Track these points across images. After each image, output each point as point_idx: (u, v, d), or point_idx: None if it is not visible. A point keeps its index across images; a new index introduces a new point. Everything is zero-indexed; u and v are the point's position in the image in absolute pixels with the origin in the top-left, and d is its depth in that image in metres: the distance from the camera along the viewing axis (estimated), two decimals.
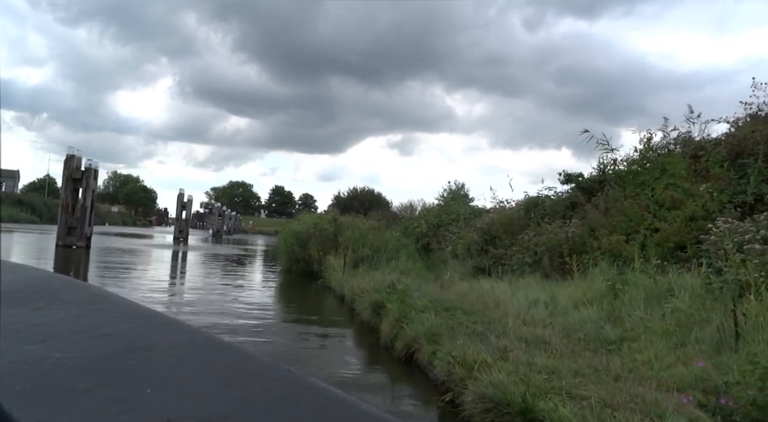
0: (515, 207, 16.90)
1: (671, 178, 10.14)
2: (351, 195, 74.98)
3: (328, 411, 0.56)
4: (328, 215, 19.31)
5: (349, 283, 12.05)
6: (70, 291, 1.00)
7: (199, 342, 0.75)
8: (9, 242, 23.09)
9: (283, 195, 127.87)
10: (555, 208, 13.66)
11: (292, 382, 0.62)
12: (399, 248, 16.73)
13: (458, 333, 6.29)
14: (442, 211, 21.66)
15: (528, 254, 12.00)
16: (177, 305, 11.28)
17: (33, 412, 0.55)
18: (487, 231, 15.87)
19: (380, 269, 14.91)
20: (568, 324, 7.23)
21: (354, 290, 10.42)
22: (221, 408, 0.55)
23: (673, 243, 8.77)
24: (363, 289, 9.73)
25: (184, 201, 45.93)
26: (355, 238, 17.01)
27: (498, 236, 15.49)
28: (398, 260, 15.63)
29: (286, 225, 25.58)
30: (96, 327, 0.79)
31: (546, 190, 15.55)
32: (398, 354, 6.56)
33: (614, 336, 6.29)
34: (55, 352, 0.68)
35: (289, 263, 20.03)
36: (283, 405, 0.58)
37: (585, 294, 8.41)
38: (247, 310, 10.79)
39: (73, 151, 23.53)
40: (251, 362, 0.69)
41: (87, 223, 23.61)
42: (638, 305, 7.30)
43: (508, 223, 15.34)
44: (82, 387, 0.60)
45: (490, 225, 15.90)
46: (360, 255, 16.05)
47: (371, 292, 9.14)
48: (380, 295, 8.60)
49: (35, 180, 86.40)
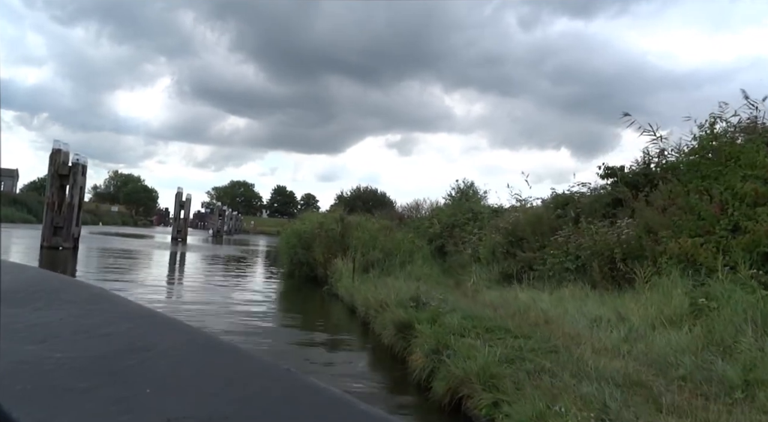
0: (542, 205, 15.25)
1: (749, 169, 8.45)
2: (354, 194, 73.51)
3: (328, 411, 0.56)
4: (335, 214, 17.64)
5: (361, 292, 10.39)
6: (70, 291, 1.01)
7: (199, 342, 0.75)
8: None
9: (285, 195, 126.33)
10: (594, 205, 11.98)
11: (292, 382, 0.62)
12: (413, 251, 15.05)
13: (521, 371, 4.64)
14: (457, 210, 19.97)
15: (568, 258, 10.31)
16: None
17: (33, 412, 0.55)
18: (511, 232, 14.22)
19: (393, 274, 13.28)
20: (654, 353, 5.56)
21: (369, 302, 8.74)
22: (221, 408, 0.55)
23: (766, 247, 7.09)
24: (381, 302, 8.05)
25: (182, 200, 44.27)
26: (365, 240, 15.34)
27: (525, 237, 13.83)
28: (413, 264, 13.96)
29: (288, 226, 23.93)
30: (96, 327, 0.79)
31: (578, 185, 13.90)
32: (439, 399, 4.89)
33: (735, 377, 4.61)
34: (55, 352, 0.68)
35: (291, 266, 18.38)
36: (283, 405, 0.58)
37: (661, 312, 6.74)
38: (243, 326, 9.15)
39: (59, 145, 21.86)
40: (251, 362, 0.69)
41: (74, 223, 21.98)
42: (744, 329, 5.63)
43: (536, 223, 13.67)
44: (82, 387, 0.60)
45: (514, 225, 14.24)
46: (370, 258, 14.39)
47: (392, 307, 7.46)
48: (405, 313, 6.91)
49: (35, 179, 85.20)
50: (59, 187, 21.93)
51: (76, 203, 21.99)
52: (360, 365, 7.19)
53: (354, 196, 72.48)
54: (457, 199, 31.34)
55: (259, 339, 8.17)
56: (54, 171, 21.84)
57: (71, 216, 21.70)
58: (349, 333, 9.07)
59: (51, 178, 21.90)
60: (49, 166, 21.96)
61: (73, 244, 21.87)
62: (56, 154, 21.87)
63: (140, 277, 16.36)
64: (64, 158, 22.04)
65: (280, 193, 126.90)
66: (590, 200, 12.18)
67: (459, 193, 34.05)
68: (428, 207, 40.24)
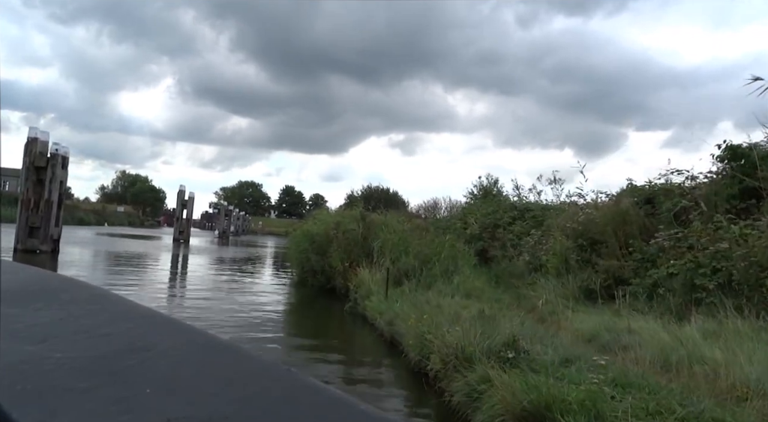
0: (614, 200, 12.15)
1: None
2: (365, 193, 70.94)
3: (328, 411, 0.56)
4: (354, 212, 14.61)
5: (404, 318, 7.38)
6: (70, 291, 1.00)
7: (199, 342, 0.75)
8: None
9: (294, 195, 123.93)
10: (712, 198, 8.86)
11: (292, 382, 0.62)
12: (455, 256, 12.00)
13: None
14: (498, 207, 16.88)
15: (702, 272, 7.19)
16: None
17: (33, 412, 0.54)
18: (581, 234, 11.16)
19: (434, 286, 10.27)
20: None
21: (429, 344, 5.62)
22: (221, 408, 0.55)
23: None
24: (453, 348, 4.92)
25: (184, 198, 41.44)
26: (393, 243, 12.32)
27: (602, 240, 10.77)
28: (459, 274, 10.92)
29: (297, 227, 20.92)
30: (96, 327, 0.78)
31: (672, 173, 10.79)
32: None
33: None
34: (55, 352, 0.68)
35: (302, 274, 15.39)
36: (283, 405, 0.58)
37: None
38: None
39: (35, 133, 18.94)
40: (251, 362, 0.69)
41: (54, 222, 19.11)
42: None
43: (619, 222, 10.59)
44: (82, 387, 0.59)
45: (586, 225, 11.16)
46: (402, 266, 11.37)
47: (482, 361, 4.36)
48: (528, 386, 3.73)
49: None
50: (36, 182, 19.02)
51: (56, 199, 19.11)
52: None
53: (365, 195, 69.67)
54: (481, 196, 28.56)
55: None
56: (29, 163, 18.95)
57: (49, 214, 18.82)
58: (399, 394, 5.95)
59: (26, 171, 18.99)
60: (24, 157, 19.06)
61: (52, 247, 19.00)
62: (32, 143, 18.93)
63: (121, 291, 13.42)
64: (42, 148, 19.13)
65: (289, 194, 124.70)
66: (707, 192, 9.04)
67: (482, 190, 31.16)
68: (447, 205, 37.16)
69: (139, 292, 13.09)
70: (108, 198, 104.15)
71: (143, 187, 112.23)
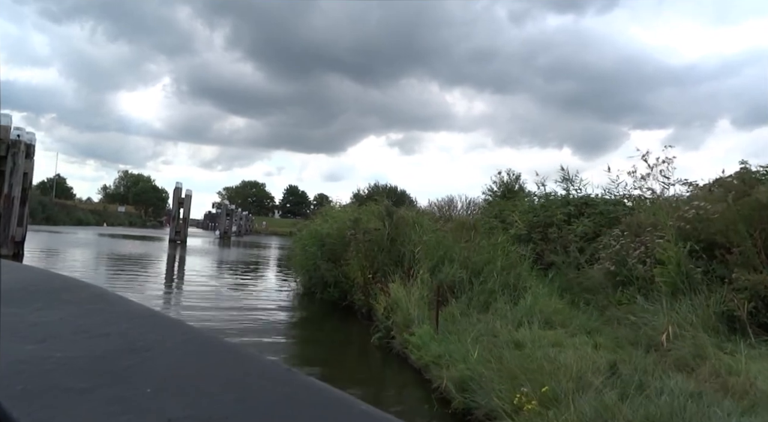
0: (717, 192, 9.12)
1: None
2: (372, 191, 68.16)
3: (328, 411, 0.55)
4: (377, 207, 11.54)
5: (482, 375, 4.40)
6: (70, 291, 0.99)
7: (200, 342, 0.74)
8: None
9: (298, 195, 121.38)
10: None
11: (292, 382, 0.62)
12: (515, 265, 8.98)
13: None
14: (551, 204, 13.84)
15: None
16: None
17: (33, 412, 0.54)
18: (691, 235, 8.16)
19: (493, 308, 7.33)
20: None
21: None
22: (221, 408, 0.55)
23: None
24: None
25: (181, 196, 38.53)
26: (431, 247, 9.33)
27: (726, 245, 7.78)
28: (526, 290, 7.93)
29: (302, 226, 17.93)
30: (96, 327, 0.78)
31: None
32: None
33: None
34: (55, 352, 0.67)
35: (309, 285, 12.42)
36: (283, 405, 0.57)
37: None
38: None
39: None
40: (251, 362, 0.68)
41: (17, 222, 16.21)
42: None
43: (756, 219, 7.60)
44: (81, 387, 0.59)
45: (701, 222, 8.17)
46: (444, 278, 8.37)
47: None
48: None
49: (44, 179, 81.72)
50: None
51: (18, 195, 16.19)
52: None
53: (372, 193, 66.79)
54: (497, 194, 25.76)
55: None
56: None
57: (10, 212, 15.92)
58: None
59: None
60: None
61: (15, 251, 16.08)
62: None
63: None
64: (3, 134, 16.25)
65: (293, 193, 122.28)
66: None
67: (502, 186, 28.27)
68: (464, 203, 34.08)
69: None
70: (110, 198, 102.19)
71: (145, 186, 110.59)
